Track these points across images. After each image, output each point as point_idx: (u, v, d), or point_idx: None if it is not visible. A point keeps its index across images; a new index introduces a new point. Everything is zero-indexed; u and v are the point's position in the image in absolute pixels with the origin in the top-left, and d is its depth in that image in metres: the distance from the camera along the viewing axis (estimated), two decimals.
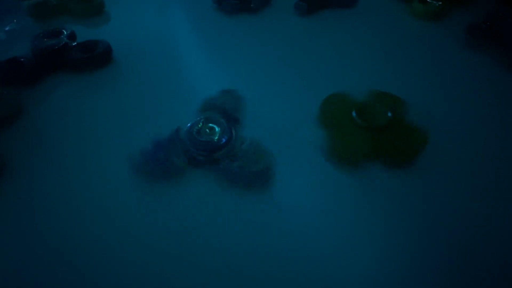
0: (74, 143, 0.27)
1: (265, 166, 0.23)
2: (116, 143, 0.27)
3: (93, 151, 0.27)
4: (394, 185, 0.24)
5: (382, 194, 0.23)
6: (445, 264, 0.20)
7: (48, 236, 0.21)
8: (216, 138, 0.24)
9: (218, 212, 0.22)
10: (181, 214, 0.22)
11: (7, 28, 0.43)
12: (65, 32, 0.37)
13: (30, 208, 0.23)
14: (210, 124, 0.25)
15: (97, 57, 0.34)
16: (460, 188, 0.23)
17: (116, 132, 0.28)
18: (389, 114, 0.25)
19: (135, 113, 0.30)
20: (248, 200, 0.23)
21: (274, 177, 0.24)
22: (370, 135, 0.24)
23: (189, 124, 0.25)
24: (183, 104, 0.30)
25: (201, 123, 0.24)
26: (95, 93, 0.32)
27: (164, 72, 0.35)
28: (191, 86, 0.34)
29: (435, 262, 0.20)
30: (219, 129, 0.24)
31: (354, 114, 0.25)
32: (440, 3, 0.42)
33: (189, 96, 0.32)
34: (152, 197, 0.23)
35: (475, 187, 0.24)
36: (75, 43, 0.36)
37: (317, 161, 0.25)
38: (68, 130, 0.28)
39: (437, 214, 0.22)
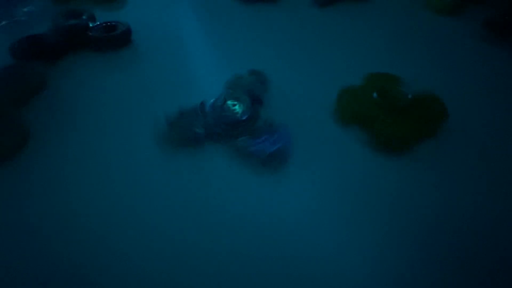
0: (95, 116, 0.28)
1: (281, 147, 0.23)
2: (136, 117, 0.28)
3: (114, 124, 0.27)
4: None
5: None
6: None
7: (73, 202, 0.22)
8: (239, 114, 0.24)
9: (229, 188, 0.22)
10: (195, 185, 0.23)
11: (26, 9, 0.44)
12: (85, 13, 0.37)
13: (55, 175, 0.23)
14: (233, 101, 0.25)
15: (117, 36, 0.35)
16: (479, 168, 0.24)
17: (136, 106, 0.29)
18: (410, 96, 0.25)
19: (154, 90, 0.30)
20: (262, 180, 0.23)
21: (289, 159, 0.23)
22: (399, 116, 0.25)
23: (212, 100, 0.25)
24: (199, 83, 0.31)
25: (224, 99, 0.25)
26: (116, 71, 0.33)
27: (183, 54, 0.35)
28: (209, 67, 0.34)
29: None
30: (242, 105, 0.25)
31: (375, 95, 0.25)
32: None
33: (206, 76, 0.32)
34: (171, 167, 0.24)
35: (491, 165, 0.24)
36: (96, 23, 0.37)
37: (334, 150, 0.25)
38: (89, 103, 0.29)
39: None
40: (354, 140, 0.25)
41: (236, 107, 0.25)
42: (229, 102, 0.25)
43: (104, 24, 0.36)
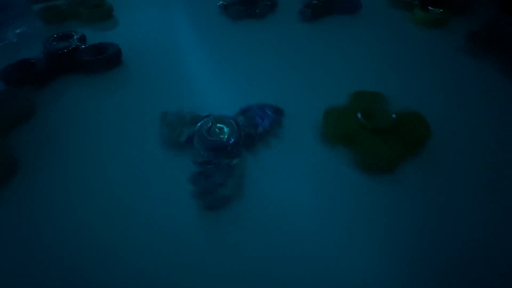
0: (85, 141, 0.28)
1: (227, 193, 0.22)
2: (125, 141, 0.28)
3: (102, 149, 0.27)
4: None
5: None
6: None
7: (59, 235, 0.22)
8: (225, 137, 0.25)
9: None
10: None
11: (18, 31, 0.44)
12: (75, 36, 0.38)
13: (42, 206, 0.23)
14: (219, 124, 0.25)
15: (107, 59, 0.35)
16: (462, 187, 0.24)
17: (125, 130, 0.29)
18: (394, 116, 0.26)
19: (144, 112, 0.31)
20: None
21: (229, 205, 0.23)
22: (383, 136, 0.25)
23: (199, 124, 0.25)
24: (190, 105, 0.31)
25: (210, 123, 0.25)
26: (105, 93, 0.33)
27: (173, 74, 0.36)
28: (198, 88, 0.34)
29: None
30: (228, 129, 0.25)
31: (359, 115, 0.26)
32: (441, 11, 0.43)
33: (195, 97, 0.33)
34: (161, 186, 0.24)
35: (474, 184, 0.24)
36: (86, 45, 0.37)
37: (318, 170, 0.25)
38: (79, 128, 0.29)
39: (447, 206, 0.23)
40: (340, 160, 0.26)
41: (223, 130, 0.25)
42: (217, 126, 0.25)
43: (93, 46, 0.37)
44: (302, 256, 0.20)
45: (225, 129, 0.25)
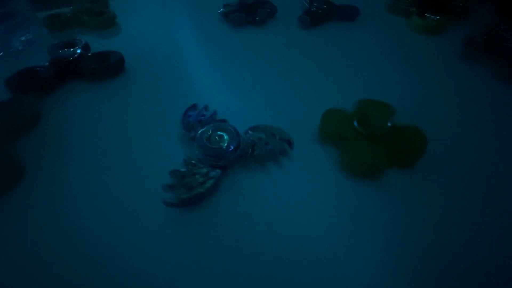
0: (89, 147, 0.29)
1: (185, 197, 0.23)
2: (128, 147, 0.29)
3: (106, 155, 0.28)
4: (401, 186, 0.25)
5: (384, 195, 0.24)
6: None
7: (64, 239, 0.22)
8: (225, 145, 0.25)
9: None
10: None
11: (23, 38, 0.45)
12: (79, 43, 0.38)
13: (48, 211, 0.24)
14: (219, 132, 0.26)
15: (110, 66, 0.36)
16: (459, 193, 0.25)
17: (129, 136, 0.30)
18: (389, 124, 0.26)
19: (147, 118, 0.31)
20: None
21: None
22: (375, 143, 0.26)
23: (200, 132, 0.26)
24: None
25: (210, 131, 0.26)
26: (109, 100, 0.34)
27: (174, 81, 0.37)
28: (200, 94, 0.35)
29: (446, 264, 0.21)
30: (227, 137, 0.26)
31: (355, 123, 0.26)
32: (438, 17, 0.44)
33: (201, 102, 0.33)
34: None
35: (472, 188, 0.25)
36: (90, 53, 0.38)
37: (319, 172, 0.26)
38: (83, 134, 0.30)
39: (442, 212, 0.23)
40: (332, 162, 0.26)
41: (223, 138, 0.26)
42: (217, 133, 0.26)
43: (97, 54, 0.38)
44: (295, 255, 0.21)
45: (225, 137, 0.26)
